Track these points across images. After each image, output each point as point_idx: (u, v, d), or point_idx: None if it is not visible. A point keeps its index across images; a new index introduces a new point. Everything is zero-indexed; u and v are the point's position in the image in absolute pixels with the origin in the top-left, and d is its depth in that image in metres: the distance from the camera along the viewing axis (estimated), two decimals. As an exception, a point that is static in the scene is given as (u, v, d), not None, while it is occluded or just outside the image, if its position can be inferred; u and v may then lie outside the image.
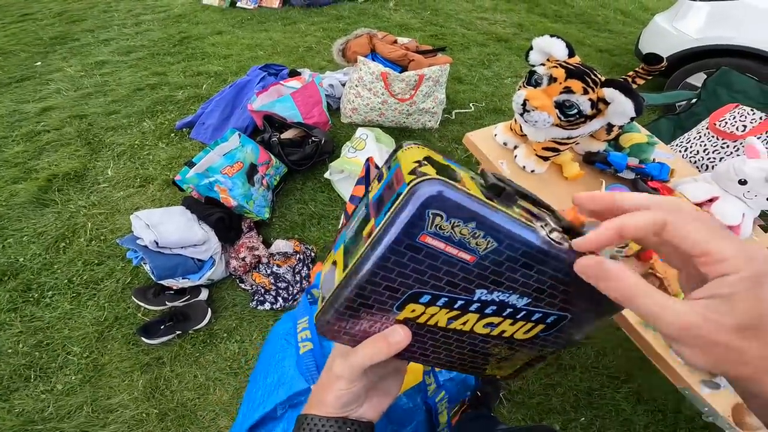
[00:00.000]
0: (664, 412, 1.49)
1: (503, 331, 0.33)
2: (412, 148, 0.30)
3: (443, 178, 0.25)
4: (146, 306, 1.57)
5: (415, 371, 0.82)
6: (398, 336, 0.31)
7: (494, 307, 0.30)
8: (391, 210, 0.25)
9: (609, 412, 1.48)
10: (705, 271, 0.25)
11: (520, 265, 0.28)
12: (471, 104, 2.77)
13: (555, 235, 0.28)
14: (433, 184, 0.24)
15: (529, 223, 0.27)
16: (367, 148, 1.98)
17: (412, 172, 0.26)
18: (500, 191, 0.27)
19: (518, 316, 0.31)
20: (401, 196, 0.25)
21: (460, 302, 0.29)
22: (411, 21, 3.85)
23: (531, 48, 1.12)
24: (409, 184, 0.25)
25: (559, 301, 0.31)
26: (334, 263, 0.31)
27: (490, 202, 0.26)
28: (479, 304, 0.30)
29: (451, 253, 0.26)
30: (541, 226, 0.28)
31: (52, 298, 1.61)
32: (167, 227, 1.54)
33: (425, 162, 0.27)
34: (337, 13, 3.84)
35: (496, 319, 0.31)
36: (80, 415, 1.34)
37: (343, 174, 1.99)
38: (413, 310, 0.30)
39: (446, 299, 0.29)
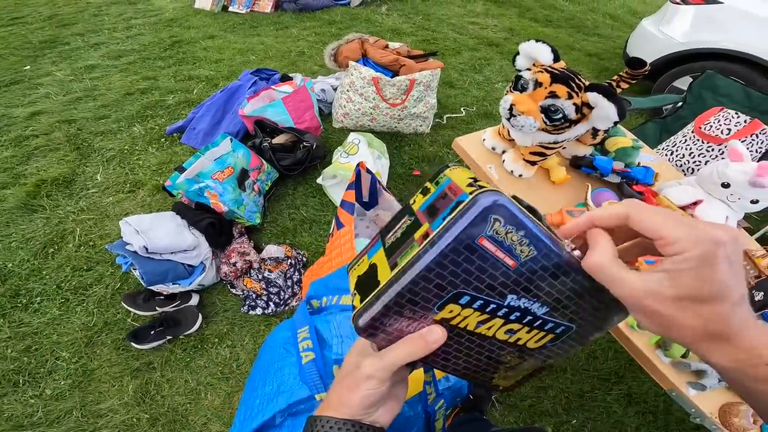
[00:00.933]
0: (655, 413, 1.51)
1: (519, 339, 0.36)
2: (459, 168, 0.34)
3: (501, 191, 0.29)
4: (136, 311, 1.56)
5: (417, 381, 0.83)
6: (436, 335, 0.33)
7: (518, 314, 0.34)
8: (452, 214, 0.29)
9: (600, 414, 1.49)
10: (663, 252, 0.29)
11: (549, 274, 0.32)
12: (462, 109, 2.79)
13: (576, 252, 0.33)
14: (495, 195, 0.28)
15: (558, 239, 0.32)
16: (359, 153, 1.98)
17: (470, 185, 0.30)
18: (533, 211, 0.32)
19: (535, 324, 0.35)
20: (464, 203, 0.28)
21: (492, 306, 0.33)
22: (403, 26, 3.87)
23: (518, 53, 1.13)
24: (471, 194, 0.29)
25: (570, 312, 0.35)
26: (373, 266, 0.34)
27: (533, 217, 0.30)
28: (507, 310, 0.33)
29: (499, 257, 0.30)
30: (566, 244, 0.32)
31: (40, 303, 1.60)
32: (157, 233, 1.54)
33: (478, 180, 0.31)
34: (330, 17, 3.86)
35: (516, 326, 0.35)
36: (70, 420, 1.33)
37: (335, 179, 2.00)
38: (451, 311, 0.32)
39: (482, 302, 0.32)
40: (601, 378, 1.58)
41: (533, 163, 1.21)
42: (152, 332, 1.49)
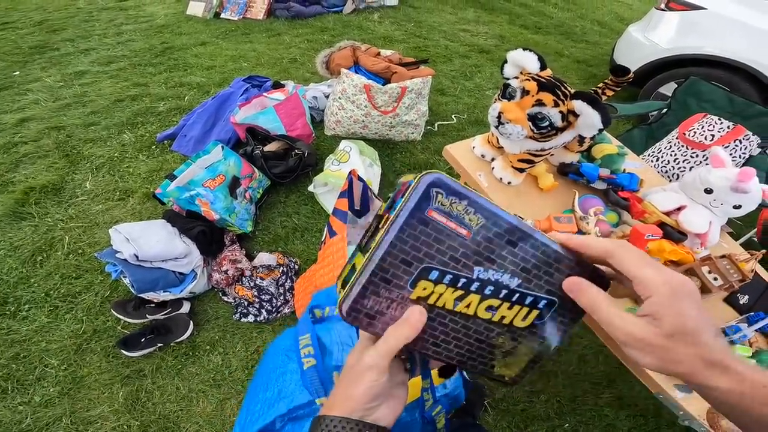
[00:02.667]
0: (646, 416, 1.53)
1: (503, 317, 0.37)
2: (411, 174, 0.39)
3: (441, 172, 0.32)
4: (126, 319, 1.55)
5: (415, 387, 0.86)
6: (415, 315, 0.35)
7: (492, 288, 0.35)
8: (405, 196, 0.32)
9: (592, 418, 1.50)
10: (636, 291, 0.33)
11: (506, 241, 0.34)
12: (453, 116, 2.82)
13: (528, 221, 0.34)
14: (434, 173, 0.32)
15: (504, 209, 0.34)
16: (350, 160, 1.99)
17: (415, 175, 0.33)
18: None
19: (513, 299, 0.36)
20: (411, 186, 0.32)
21: (462, 280, 0.34)
22: (395, 33, 3.91)
23: (505, 61, 1.15)
24: (415, 178, 0.32)
25: (545, 283, 0.36)
26: (353, 265, 0.36)
27: (475, 190, 0.33)
28: (479, 283, 0.35)
29: (451, 227, 0.32)
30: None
31: (29, 311, 1.58)
32: (147, 241, 1.53)
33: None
34: (322, 24, 3.89)
35: (495, 302, 0.36)
36: (59, 427, 1.32)
37: (327, 187, 2.00)
38: (424, 288, 0.34)
39: (451, 276, 0.34)
40: (592, 382, 1.59)
41: (522, 171, 1.23)
42: (143, 340, 1.48)
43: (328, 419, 0.37)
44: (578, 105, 1.00)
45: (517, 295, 0.36)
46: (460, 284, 0.35)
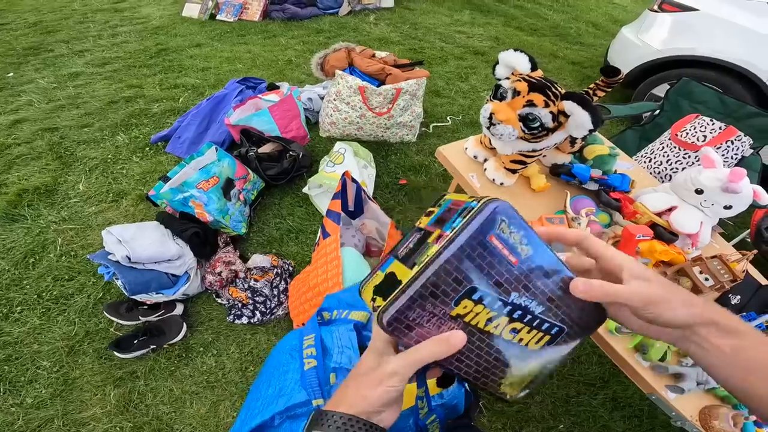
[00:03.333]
0: (640, 417, 1.53)
1: (522, 339, 0.40)
2: (455, 194, 0.40)
3: (506, 201, 0.34)
4: (119, 321, 1.55)
5: (410, 395, 0.87)
6: (458, 338, 0.36)
7: (520, 312, 0.38)
8: (466, 218, 0.33)
9: (587, 419, 1.51)
10: (608, 266, 0.41)
11: (543, 273, 0.37)
12: (448, 117, 2.82)
13: (561, 255, 0.39)
14: (500, 200, 0.34)
15: (547, 244, 0.37)
16: (345, 162, 1.99)
17: (473, 198, 0.35)
18: None
19: (534, 324, 0.39)
20: (474, 208, 0.33)
21: (499, 303, 0.37)
22: (391, 35, 3.91)
23: (497, 62, 1.16)
24: (479, 201, 0.34)
25: (561, 313, 0.40)
26: (390, 274, 0.37)
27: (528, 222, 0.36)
28: (511, 307, 0.37)
29: (505, 254, 0.35)
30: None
31: (21, 313, 1.58)
32: (140, 242, 1.52)
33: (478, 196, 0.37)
34: (318, 26, 3.89)
35: (519, 325, 0.39)
36: (51, 428, 1.32)
37: (322, 189, 2.00)
38: (465, 306, 0.36)
39: (491, 298, 0.36)
40: (586, 383, 1.60)
41: (514, 171, 1.23)
42: (135, 341, 1.48)
43: (335, 415, 0.37)
44: (568, 105, 1.00)
45: (538, 320, 0.39)
46: (496, 306, 0.37)
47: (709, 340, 0.38)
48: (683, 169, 1.69)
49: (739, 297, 1.19)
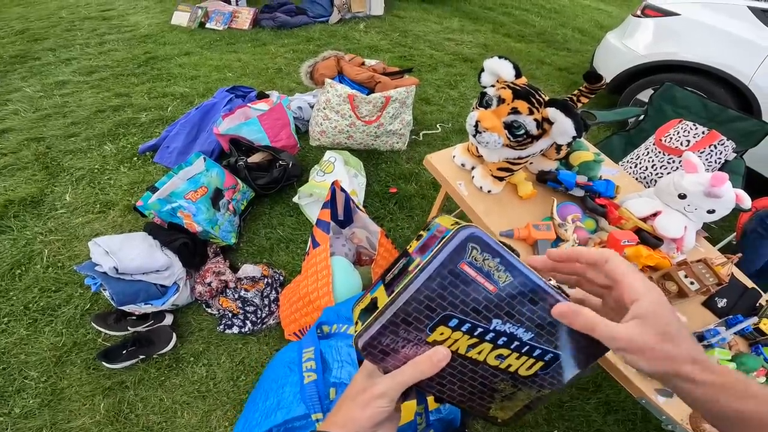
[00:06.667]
0: (634, 421, 1.54)
1: (510, 365, 0.39)
2: (446, 216, 0.40)
3: (478, 227, 0.34)
4: (107, 332, 1.53)
5: (409, 410, 0.87)
6: (441, 354, 0.36)
7: (505, 338, 0.37)
8: (439, 245, 0.33)
9: (581, 424, 1.51)
10: (623, 294, 0.37)
11: (528, 300, 0.36)
12: (438, 125, 2.84)
13: (552, 282, 0.38)
14: (472, 228, 0.34)
15: (534, 270, 0.36)
16: (335, 171, 1.99)
17: (454, 224, 0.35)
18: (511, 249, 0.37)
19: (523, 350, 0.38)
20: (447, 237, 0.33)
21: (479, 329, 0.36)
22: (381, 42, 3.94)
23: (482, 69, 1.17)
24: (454, 227, 0.34)
25: (555, 339, 0.38)
26: (374, 299, 0.38)
27: (508, 250, 0.35)
28: (494, 334, 0.37)
29: (480, 282, 0.34)
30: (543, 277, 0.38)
31: (7, 324, 1.56)
32: (128, 253, 1.51)
33: (461, 221, 0.37)
34: (308, 34, 3.90)
35: (505, 351, 0.38)
36: (40, 438, 1.31)
37: (312, 198, 2.00)
38: (441, 333, 0.36)
39: (469, 325, 0.36)
40: (579, 387, 1.61)
41: (501, 179, 1.24)
42: (124, 352, 1.47)
43: None
44: (552, 112, 1.01)
45: (527, 347, 0.38)
46: (476, 333, 0.36)
47: (694, 377, 0.36)
48: (668, 173, 1.71)
49: (725, 300, 1.21)
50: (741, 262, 1.27)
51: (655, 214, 1.18)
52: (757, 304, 1.20)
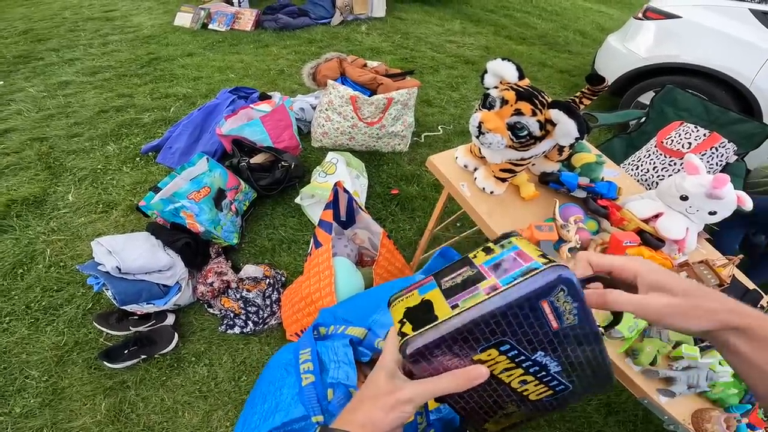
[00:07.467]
0: (635, 422, 1.54)
1: (526, 390, 0.39)
2: (524, 240, 0.40)
3: (567, 266, 0.35)
4: (108, 331, 1.53)
5: None
6: (479, 373, 0.36)
7: (537, 368, 0.38)
8: (526, 276, 0.34)
9: (582, 425, 1.51)
10: (622, 276, 0.40)
11: (577, 342, 0.37)
12: (440, 127, 2.85)
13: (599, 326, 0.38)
14: (566, 269, 0.34)
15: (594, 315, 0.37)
16: (337, 172, 2.00)
17: (541, 256, 0.36)
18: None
19: (544, 380, 0.39)
20: (538, 270, 0.34)
21: (522, 357, 0.37)
22: (382, 44, 3.95)
23: (485, 71, 1.17)
24: (544, 264, 0.34)
25: (575, 376, 0.39)
26: (427, 301, 0.37)
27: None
28: (531, 363, 0.37)
29: (549, 319, 0.35)
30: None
31: (9, 323, 1.56)
32: (130, 253, 1.51)
33: (545, 254, 0.38)
34: (310, 36, 3.91)
35: (530, 378, 0.38)
36: (40, 437, 1.31)
37: (314, 199, 2.00)
38: (489, 355, 0.36)
39: (516, 352, 0.36)
40: (580, 389, 1.61)
41: (504, 180, 1.25)
42: (126, 351, 1.47)
43: None
44: (555, 114, 1.01)
45: (549, 378, 0.39)
46: (517, 360, 0.37)
47: (739, 351, 0.37)
48: (669, 176, 1.72)
49: (725, 301, 1.21)
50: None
51: (656, 216, 1.18)
52: (759, 306, 1.20)
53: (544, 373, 0.38)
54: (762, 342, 0.35)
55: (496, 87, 1.13)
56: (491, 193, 1.26)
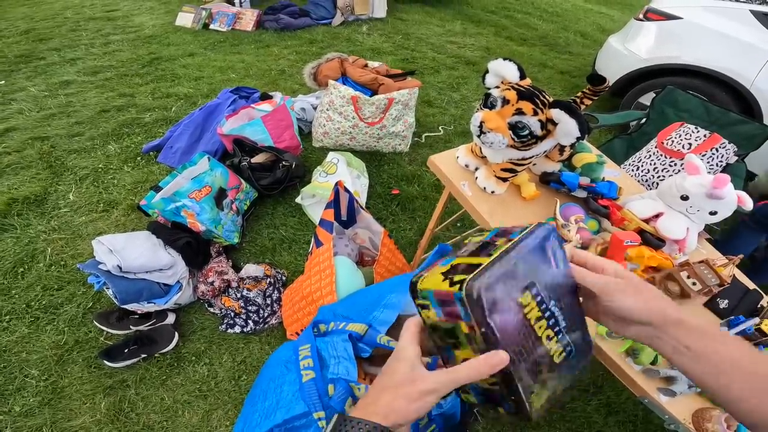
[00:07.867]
0: (635, 422, 1.54)
1: (551, 348, 0.43)
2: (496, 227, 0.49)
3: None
4: (109, 330, 1.54)
5: None
6: (498, 358, 0.36)
7: (553, 321, 0.42)
8: (528, 230, 0.42)
9: (582, 425, 1.51)
10: (596, 270, 0.45)
11: (568, 290, 0.44)
12: (440, 127, 2.85)
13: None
14: (550, 226, 0.44)
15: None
16: (338, 172, 2.00)
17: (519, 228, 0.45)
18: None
19: (559, 336, 0.43)
20: (532, 226, 0.43)
21: (544, 305, 0.41)
22: (383, 45, 3.96)
23: (487, 71, 1.17)
24: (530, 225, 0.44)
25: (573, 334, 0.45)
26: (458, 264, 0.40)
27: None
28: (549, 313, 0.42)
29: (551, 262, 0.42)
30: None
31: (9, 322, 1.56)
32: (131, 252, 1.51)
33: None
34: (311, 36, 3.92)
35: (551, 333, 0.42)
36: (40, 437, 1.31)
37: (315, 199, 2.01)
38: (525, 298, 0.40)
39: (540, 298, 0.41)
40: (580, 389, 1.61)
41: (505, 180, 1.25)
42: (126, 350, 1.47)
43: (364, 423, 0.36)
44: (556, 113, 1.02)
45: (561, 334, 0.43)
46: (542, 308, 0.41)
47: (679, 340, 0.40)
48: (670, 177, 1.72)
49: (727, 301, 1.21)
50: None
51: (657, 216, 1.18)
52: (759, 305, 1.20)
53: (558, 328, 0.42)
54: (698, 331, 0.40)
55: (497, 87, 1.14)
56: (492, 192, 1.26)
